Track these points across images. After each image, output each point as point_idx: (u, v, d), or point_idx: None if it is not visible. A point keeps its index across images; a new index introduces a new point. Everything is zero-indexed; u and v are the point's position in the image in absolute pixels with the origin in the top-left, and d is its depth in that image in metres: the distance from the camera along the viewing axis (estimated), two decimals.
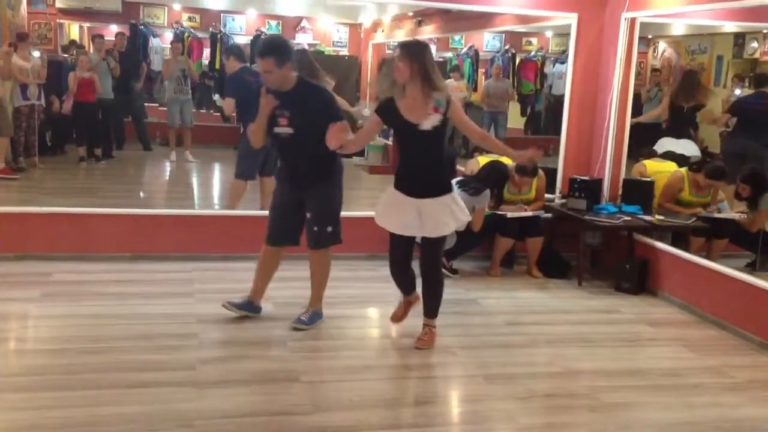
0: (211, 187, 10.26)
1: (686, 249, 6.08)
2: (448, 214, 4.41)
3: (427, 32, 11.70)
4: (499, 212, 6.39)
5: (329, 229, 4.74)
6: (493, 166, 6.39)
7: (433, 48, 14.72)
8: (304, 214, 4.74)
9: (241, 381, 4.02)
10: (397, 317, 4.88)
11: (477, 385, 4.22)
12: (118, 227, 6.23)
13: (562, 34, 11.52)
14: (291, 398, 3.89)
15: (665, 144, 7.90)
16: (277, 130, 4.61)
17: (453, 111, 4.33)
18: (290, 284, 5.28)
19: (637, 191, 6.54)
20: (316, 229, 4.72)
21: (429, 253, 4.54)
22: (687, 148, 7.81)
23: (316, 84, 4.86)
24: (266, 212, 5.02)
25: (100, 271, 5.85)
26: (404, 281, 4.71)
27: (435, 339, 4.66)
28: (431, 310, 4.67)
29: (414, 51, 4.30)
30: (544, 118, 13.88)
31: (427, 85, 4.25)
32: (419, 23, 11.42)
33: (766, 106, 7.59)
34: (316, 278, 4.89)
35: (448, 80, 12.15)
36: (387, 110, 4.37)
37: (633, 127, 6.79)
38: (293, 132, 4.58)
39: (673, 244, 6.19)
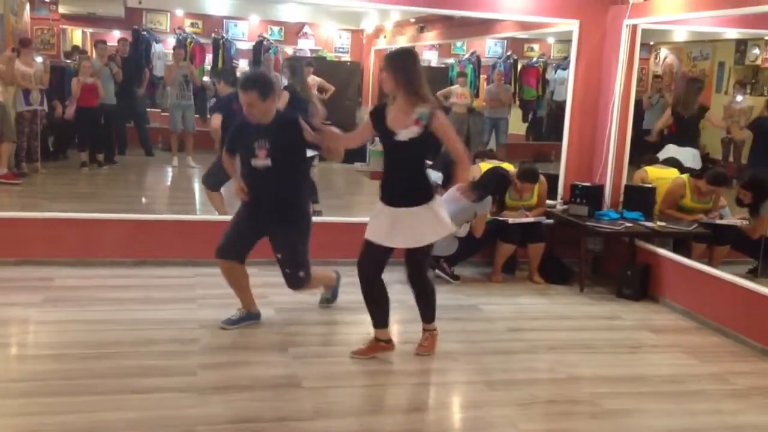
0: None
1: (688, 255, 6.08)
2: (425, 225, 4.28)
3: (430, 38, 11.74)
4: (501, 218, 6.39)
5: (301, 274, 4.75)
6: (495, 172, 6.40)
7: (435, 54, 14.84)
8: (258, 238, 4.77)
9: (242, 387, 4.02)
10: (358, 352, 4.54)
11: (478, 391, 4.22)
12: (119, 232, 6.24)
13: (564, 40, 11.55)
14: (292, 404, 3.88)
15: (670, 150, 7.90)
16: (255, 162, 4.58)
17: (436, 125, 4.17)
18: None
19: (639, 197, 6.54)
20: (288, 271, 4.73)
21: (412, 263, 4.46)
22: (689, 158, 7.78)
23: (294, 116, 4.80)
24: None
25: (102, 276, 5.86)
26: (376, 301, 4.50)
27: (436, 343, 4.66)
28: (427, 315, 4.64)
29: (397, 62, 4.24)
30: (545, 124, 13.91)
31: (412, 97, 4.16)
32: (421, 29, 11.45)
33: None
34: (318, 284, 5.01)
35: (453, 86, 12.18)
36: (377, 115, 4.36)
37: (635, 134, 6.79)
38: (270, 165, 4.58)
39: (675, 250, 6.19)
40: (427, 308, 4.62)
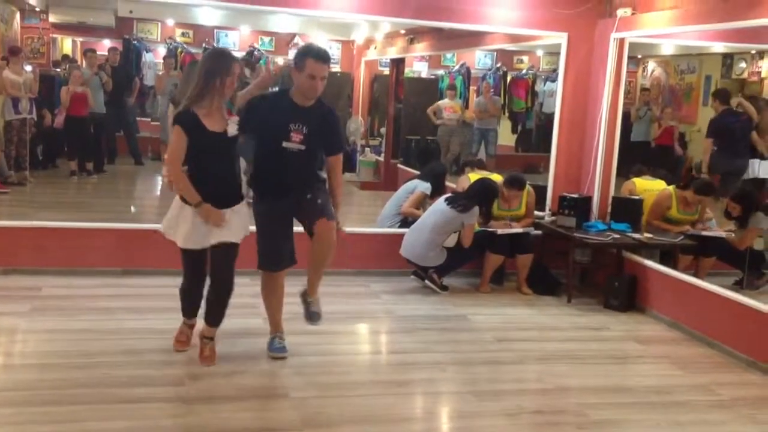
0: None
1: (674, 267, 6.12)
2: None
3: (420, 50, 11.78)
4: (489, 229, 6.42)
5: (331, 208, 4.48)
6: (483, 183, 6.43)
7: (425, 65, 14.89)
8: (293, 227, 4.56)
9: (230, 397, 4.02)
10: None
11: (466, 401, 4.23)
12: (108, 242, 6.23)
13: (553, 52, 11.60)
14: (280, 414, 3.89)
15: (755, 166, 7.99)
16: (286, 144, 4.32)
17: None
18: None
19: (626, 209, 6.59)
20: (320, 201, 4.40)
21: None
22: None
23: (328, 104, 4.67)
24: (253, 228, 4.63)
25: (90, 285, 5.85)
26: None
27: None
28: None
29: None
30: (534, 136, 13.95)
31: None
32: (411, 41, 11.49)
33: None
34: (325, 256, 4.46)
35: (442, 101, 12.21)
36: None
37: (622, 145, 6.85)
38: (304, 149, 4.37)
39: (662, 261, 6.23)
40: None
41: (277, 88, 5.62)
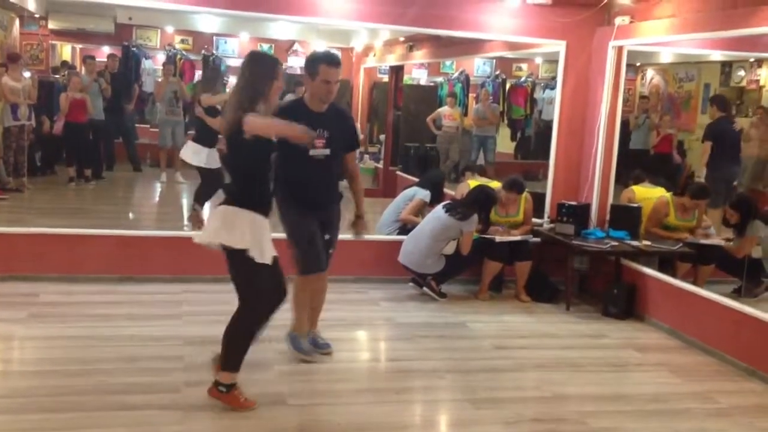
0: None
1: (673, 274, 6.11)
2: (216, 222, 3.85)
3: (419, 57, 11.81)
4: (487, 236, 6.41)
5: (330, 256, 4.73)
6: (482, 190, 6.43)
7: (424, 72, 14.91)
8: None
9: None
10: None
11: (464, 409, 4.22)
12: (106, 248, 6.21)
13: (552, 60, 11.64)
14: (277, 422, 3.87)
15: None
16: (313, 152, 4.39)
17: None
18: None
19: (625, 217, 6.59)
20: (331, 251, 4.71)
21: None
22: None
23: (340, 105, 4.79)
24: None
25: (88, 292, 5.83)
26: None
27: (227, 402, 3.90)
28: (222, 358, 3.94)
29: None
30: (533, 143, 13.97)
31: None
32: (411, 48, 11.52)
33: None
34: (322, 299, 4.82)
35: (442, 108, 12.23)
36: None
37: (621, 153, 6.86)
38: (329, 153, 4.47)
39: (660, 269, 6.23)
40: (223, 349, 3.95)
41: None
